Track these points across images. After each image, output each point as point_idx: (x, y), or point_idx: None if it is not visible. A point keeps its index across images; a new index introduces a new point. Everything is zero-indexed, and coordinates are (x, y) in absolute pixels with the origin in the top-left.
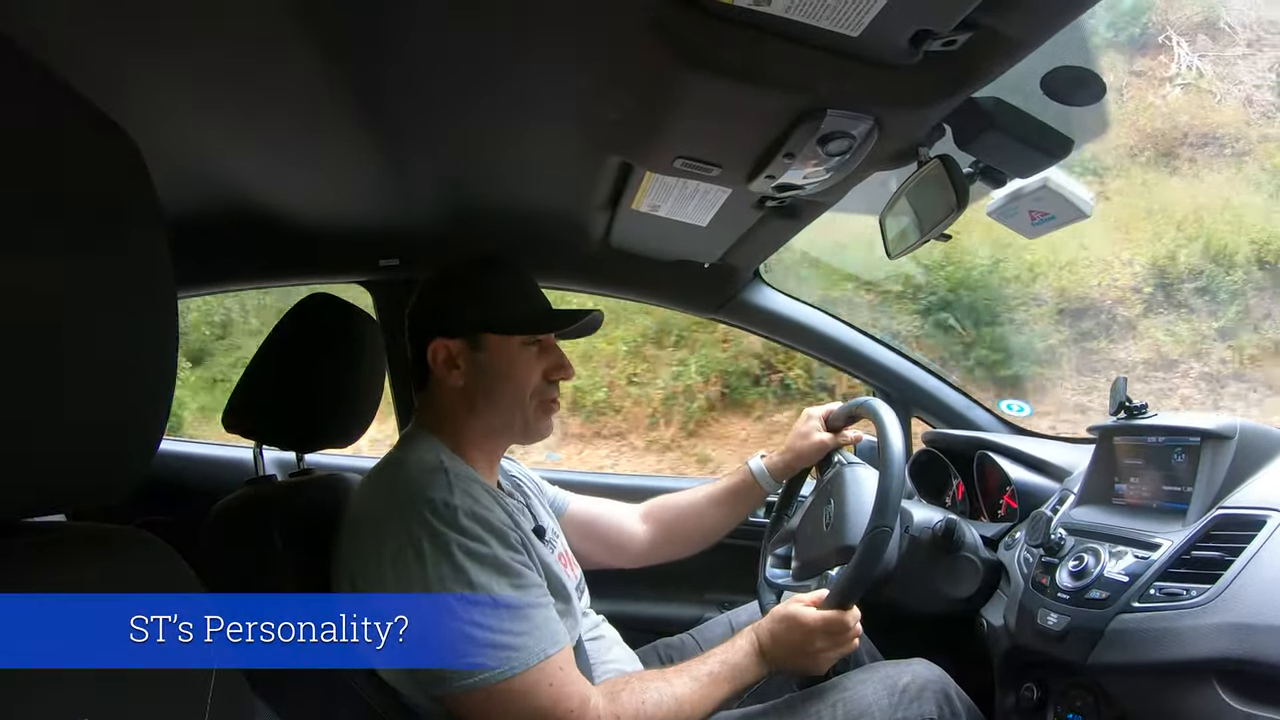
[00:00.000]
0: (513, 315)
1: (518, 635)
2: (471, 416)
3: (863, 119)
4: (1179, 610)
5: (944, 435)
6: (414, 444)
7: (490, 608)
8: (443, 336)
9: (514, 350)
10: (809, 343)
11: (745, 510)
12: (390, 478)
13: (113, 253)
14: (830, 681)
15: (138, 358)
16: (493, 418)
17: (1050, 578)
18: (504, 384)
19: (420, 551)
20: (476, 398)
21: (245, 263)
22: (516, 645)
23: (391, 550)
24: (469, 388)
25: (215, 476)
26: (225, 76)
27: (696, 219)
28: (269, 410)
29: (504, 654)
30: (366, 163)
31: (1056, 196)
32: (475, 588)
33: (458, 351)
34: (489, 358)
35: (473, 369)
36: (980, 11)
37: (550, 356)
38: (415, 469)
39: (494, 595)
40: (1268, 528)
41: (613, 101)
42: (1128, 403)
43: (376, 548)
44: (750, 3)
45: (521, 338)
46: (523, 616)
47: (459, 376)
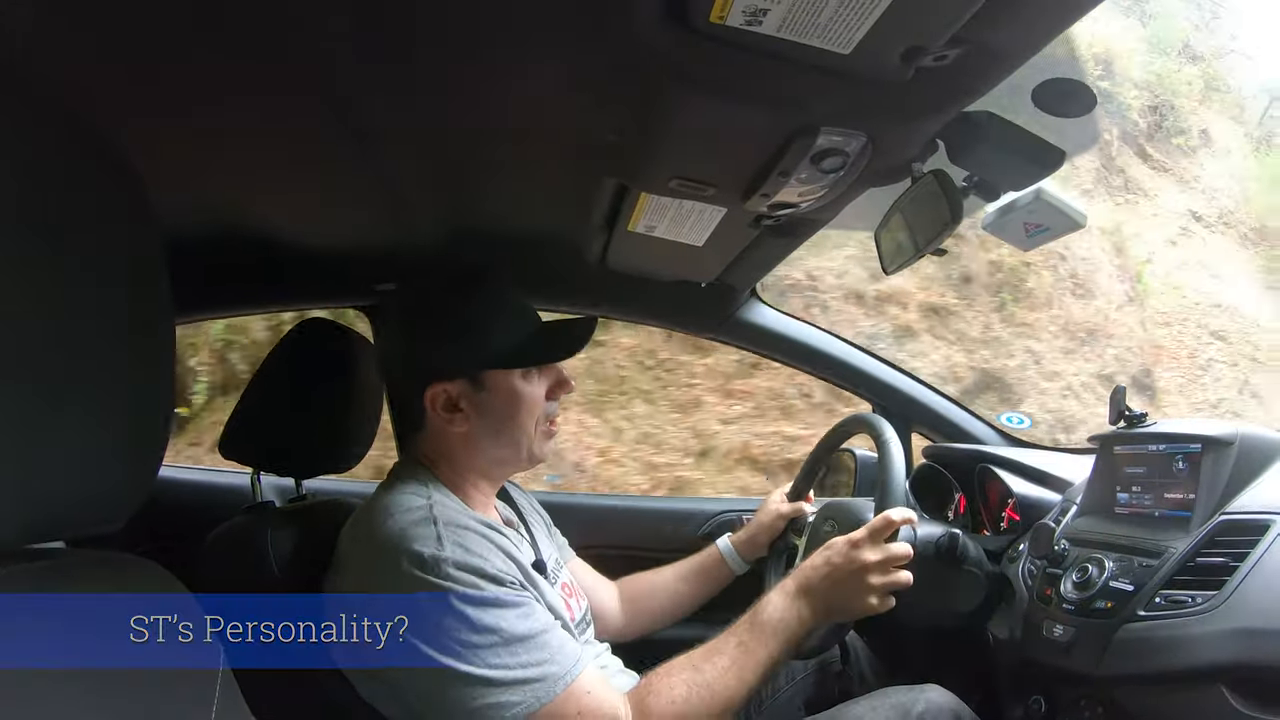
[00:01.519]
0: (512, 345)
1: (536, 666)
2: (474, 456)
3: (856, 136)
4: (1185, 618)
5: (944, 449)
6: (403, 484)
7: (503, 646)
8: (440, 381)
9: (516, 381)
10: (808, 360)
11: (713, 588)
12: (375, 526)
13: (112, 280)
14: (840, 708)
15: (136, 384)
16: (497, 452)
17: (1055, 589)
18: (511, 421)
19: (416, 610)
20: (482, 439)
21: (242, 289)
22: (539, 676)
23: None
24: (473, 431)
25: (215, 503)
26: (225, 104)
27: (693, 239)
28: (266, 436)
29: (528, 688)
30: (364, 188)
31: (1051, 208)
32: (481, 632)
33: (459, 394)
34: (493, 396)
35: (476, 411)
36: (970, 27)
37: (551, 374)
38: (402, 518)
39: (502, 634)
40: (1271, 532)
41: (608, 124)
42: (1127, 411)
43: None
44: (742, 23)
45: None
46: (538, 645)
47: (461, 421)
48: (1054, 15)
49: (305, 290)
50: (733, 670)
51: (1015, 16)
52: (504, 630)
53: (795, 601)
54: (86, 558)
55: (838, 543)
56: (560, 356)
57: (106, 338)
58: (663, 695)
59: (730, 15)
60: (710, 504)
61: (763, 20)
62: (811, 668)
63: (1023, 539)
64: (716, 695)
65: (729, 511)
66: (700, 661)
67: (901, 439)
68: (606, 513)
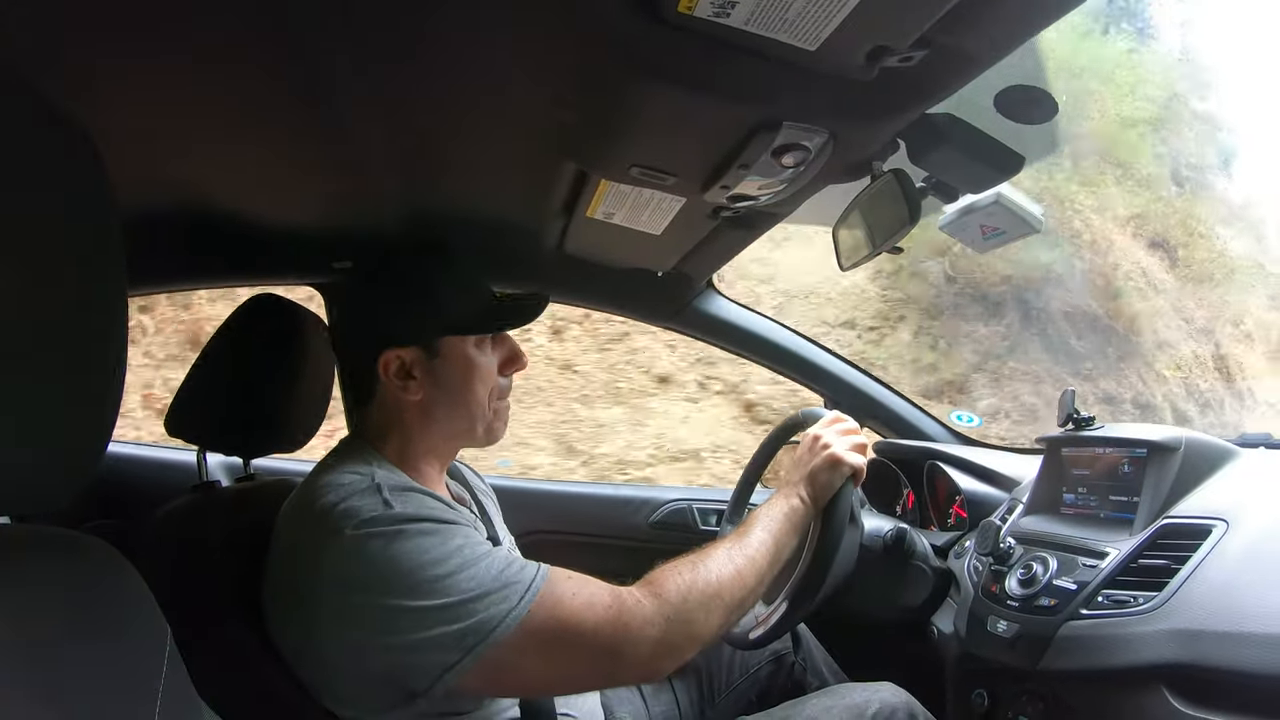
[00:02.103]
0: (468, 313)
1: (515, 569)
2: (427, 428)
3: (818, 132)
4: (1127, 617)
5: (894, 445)
6: (343, 463)
7: (472, 565)
8: (395, 347)
9: (471, 351)
10: (761, 352)
11: None
12: (314, 500)
13: (63, 249)
14: (792, 704)
15: (86, 358)
16: (451, 425)
17: (1000, 585)
18: (465, 391)
19: (373, 568)
20: (435, 409)
21: (195, 262)
22: (518, 578)
23: (342, 585)
24: (426, 400)
25: (163, 480)
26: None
27: (651, 227)
28: (213, 414)
29: (515, 588)
30: (322, 164)
31: (1008, 212)
32: (445, 559)
33: (413, 361)
34: (446, 364)
35: (430, 378)
36: (937, 29)
37: (505, 347)
38: (342, 490)
39: (464, 556)
40: (1213, 537)
41: (570, 108)
42: (1076, 414)
43: (315, 588)
44: (710, 15)
45: (477, 338)
46: (506, 559)
47: (416, 389)
48: (1020, 22)
49: (261, 266)
50: (736, 550)
51: (981, 21)
52: (466, 552)
53: (784, 494)
54: (31, 534)
55: (802, 441)
56: (514, 325)
57: (55, 308)
58: (667, 572)
59: (699, 6)
60: (663, 492)
61: (730, 13)
62: (765, 660)
63: (969, 535)
64: (723, 570)
65: (681, 500)
66: (700, 553)
67: None
68: (559, 499)
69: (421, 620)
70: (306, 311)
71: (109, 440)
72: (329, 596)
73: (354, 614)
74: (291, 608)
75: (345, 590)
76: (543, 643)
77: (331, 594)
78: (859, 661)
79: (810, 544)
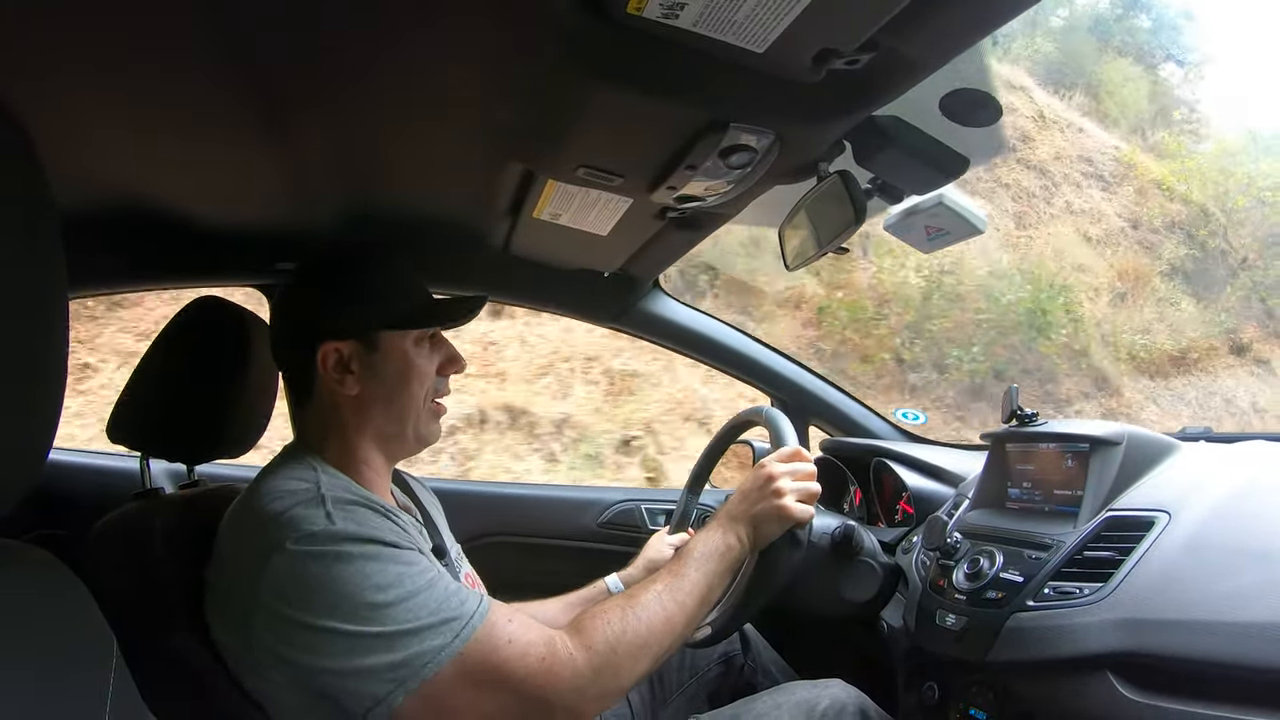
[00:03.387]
0: (407, 309)
1: (451, 607)
2: (364, 426)
3: (765, 133)
4: (1072, 608)
5: (841, 443)
6: (286, 468)
7: (411, 598)
8: (332, 339)
9: (409, 348)
10: (708, 352)
11: None
12: (256, 511)
13: (1, 251)
14: (743, 703)
15: (24, 362)
16: (387, 425)
17: (947, 580)
18: (401, 386)
19: (308, 587)
20: (372, 405)
21: (137, 263)
22: (456, 615)
23: (279, 598)
24: (363, 395)
25: (107, 488)
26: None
27: (597, 228)
28: (155, 420)
29: (449, 627)
30: (265, 164)
31: (952, 213)
32: (383, 588)
33: (350, 354)
34: (384, 359)
35: (367, 373)
36: (883, 33)
37: (442, 350)
38: (285, 499)
39: (405, 587)
40: (1156, 528)
41: (516, 107)
42: (1019, 411)
43: (254, 599)
44: (659, 16)
45: (416, 333)
46: (445, 592)
47: (353, 383)
48: (965, 28)
49: (204, 267)
50: (666, 594)
51: (927, 26)
52: (407, 582)
53: (724, 529)
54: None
55: (751, 472)
56: (449, 322)
57: None
58: (597, 620)
59: (647, 7)
60: (610, 493)
61: (679, 14)
62: (715, 661)
63: (916, 531)
64: (654, 617)
65: (628, 500)
66: (631, 597)
67: (799, 432)
68: (505, 501)
69: (355, 647)
70: (250, 314)
71: (51, 445)
72: (265, 610)
73: (289, 631)
74: (231, 618)
75: (283, 605)
76: (475, 682)
77: (268, 608)
78: (810, 659)
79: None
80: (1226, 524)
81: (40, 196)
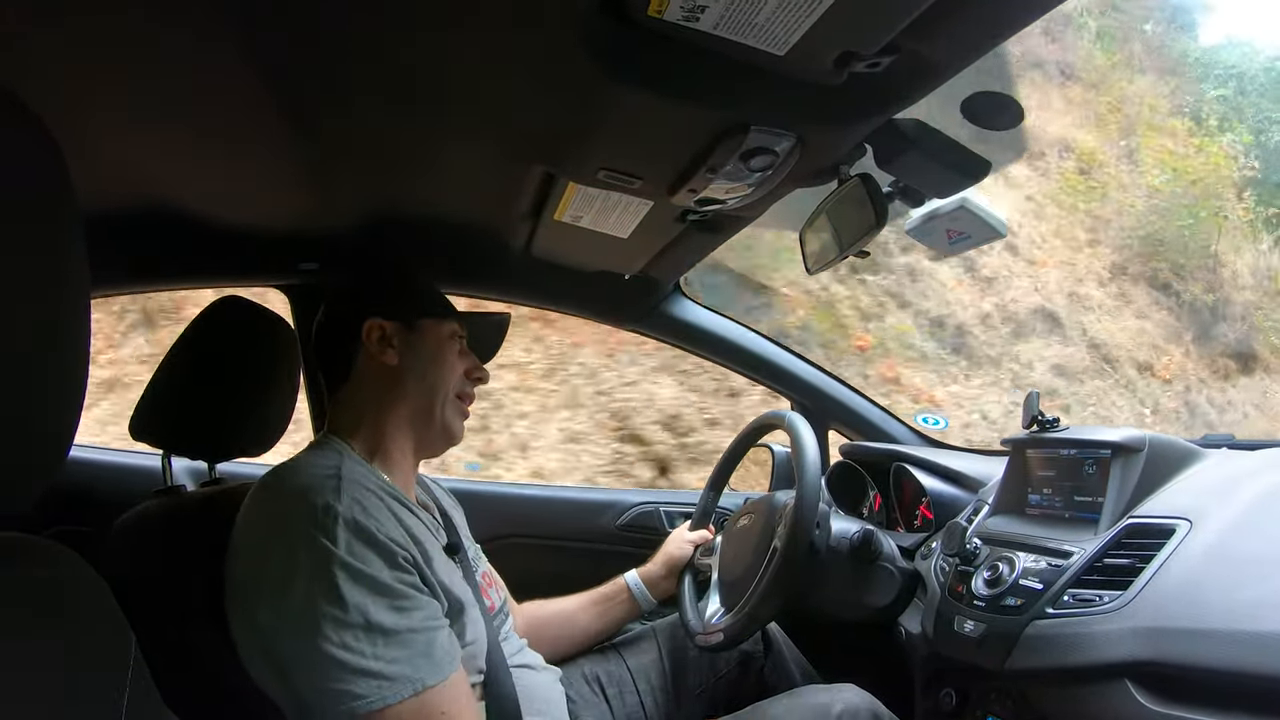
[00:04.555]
0: (443, 305)
1: (391, 662)
2: (397, 402)
3: (786, 136)
4: (1092, 615)
5: (861, 448)
6: (316, 450)
7: (363, 630)
8: (377, 316)
9: (444, 339)
10: (728, 356)
11: (617, 624)
12: (278, 485)
13: (24, 248)
14: (756, 707)
15: (46, 359)
16: (419, 398)
17: (966, 586)
18: (434, 367)
19: (297, 565)
20: (407, 378)
21: (160, 263)
22: (390, 674)
23: (272, 561)
24: (401, 367)
25: (127, 485)
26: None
27: (618, 231)
28: (178, 418)
29: (375, 683)
30: (288, 165)
31: (973, 217)
32: (348, 609)
33: (393, 331)
34: (423, 340)
35: (406, 349)
36: (904, 36)
37: (469, 359)
38: (306, 475)
39: (367, 617)
40: (1176, 536)
41: (539, 110)
42: (1040, 416)
43: (259, 563)
44: (680, 18)
45: (449, 329)
46: (399, 642)
47: (393, 355)
48: (987, 29)
49: (227, 267)
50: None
51: (949, 28)
52: (369, 614)
53: None
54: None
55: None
56: (484, 334)
57: (15, 307)
58: None
59: (668, 10)
60: (629, 495)
61: (700, 17)
62: (733, 663)
63: (936, 537)
64: None
65: (647, 503)
66: None
67: (819, 437)
68: (525, 503)
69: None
70: (273, 314)
71: (72, 440)
72: (267, 595)
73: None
74: (244, 607)
75: (273, 578)
76: None
77: (267, 592)
78: (827, 663)
79: (770, 562)
80: (1249, 532)
81: (62, 196)
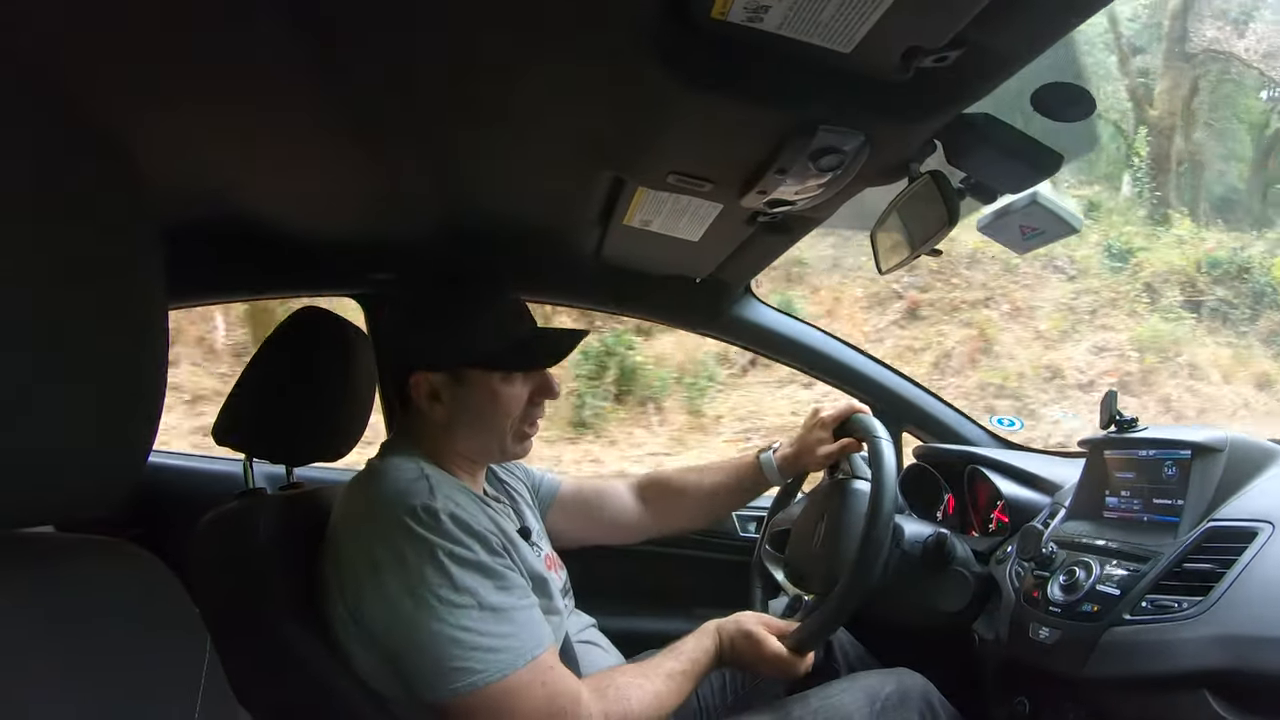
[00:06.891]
0: (496, 347)
1: (504, 637)
2: (452, 443)
3: (854, 135)
4: (1171, 622)
5: (934, 450)
6: (394, 453)
7: (476, 610)
8: (424, 370)
9: (496, 385)
10: (802, 358)
11: (746, 497)
12: (371, 486)
13: (107, 260)
14: (814, 689)
15: (128, 368)
16: (472, 444)
17: (1042, 591)
18: (486, 418)
19: (403, 557)
20: (458, 430)
21: (237, 275)
22: (504, 647)
23: (376, 559)
24: (451, 421)
25: (206, 489)
26: (223, 87)
27: (688, 234)
28: (259, 423)
29: (493, 656)
30: (361, 175)
31: (1046, 212)
32: (460, 591)
33: (440, 385)
34: (471, 393)
35: (455, 403)
36: (971, 28)
37: (537, 378)
38: (395, 477)
39: (479, 599)
40: (1259, 540)
41: (607, 116)
42: (1118, 416)
43: (360, 558)
44: (744, 19)
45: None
46: (508, 619)
47: (442, 411)
48: (1056, 19)
49: (301, 278)
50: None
51: (1017, 19)
52: (480, 595)
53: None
54: (74, 541)
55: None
56: (537, 365)
57: (99, 316)
58: (619, 691)
59: (732, 11)
60: None
61: (764, 17)
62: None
63: (1011, 541)
64: (660, 705)
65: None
66: (650, 672)
67: (893, 439)
68: None
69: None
70: (350, 324)
71: (152, 445)
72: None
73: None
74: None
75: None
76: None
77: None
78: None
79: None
80: None
81: (141, 209)
